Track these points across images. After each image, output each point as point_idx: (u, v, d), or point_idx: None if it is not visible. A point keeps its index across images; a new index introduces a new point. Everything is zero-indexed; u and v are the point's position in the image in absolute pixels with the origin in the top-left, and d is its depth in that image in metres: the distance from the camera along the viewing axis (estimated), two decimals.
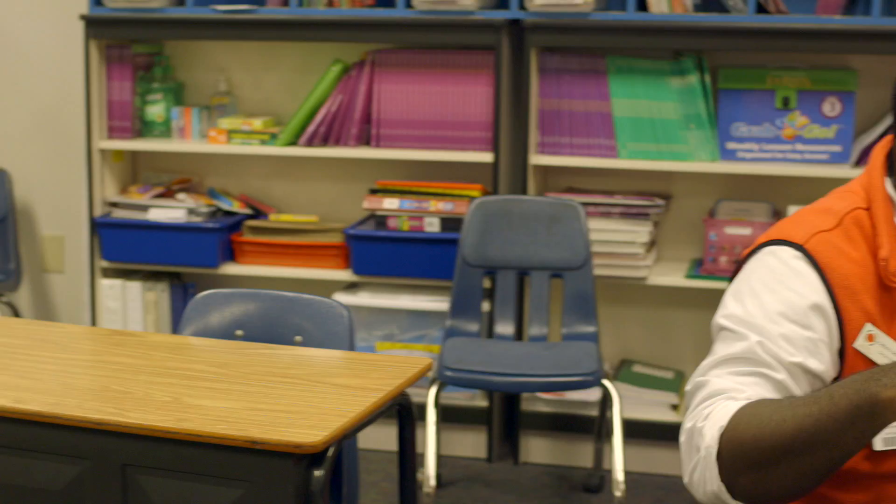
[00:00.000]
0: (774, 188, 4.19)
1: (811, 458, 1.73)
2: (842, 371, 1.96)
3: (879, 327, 1.95)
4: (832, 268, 1.95)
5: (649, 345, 4.43)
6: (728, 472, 1.77)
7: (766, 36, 3.92)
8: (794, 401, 1.76)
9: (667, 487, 4.14)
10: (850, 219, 2.01)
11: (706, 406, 1.82)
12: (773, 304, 1.93)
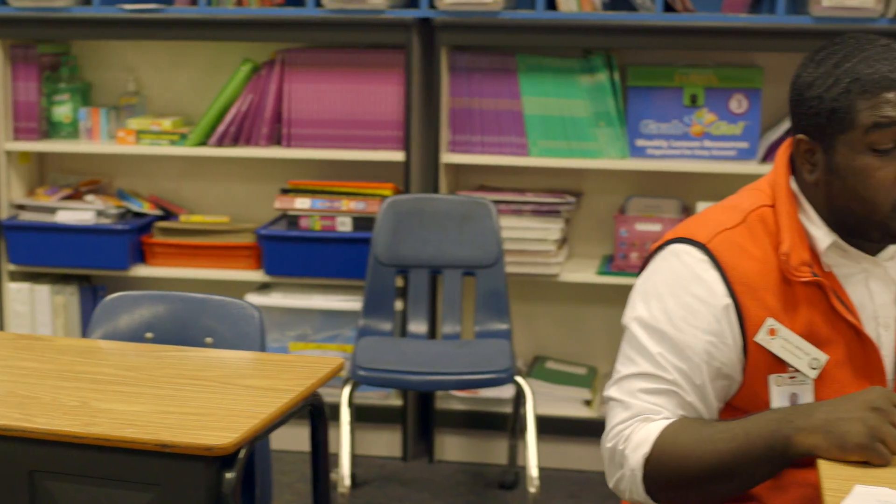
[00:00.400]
0: (683, 184, 4.24)
1: (728, 486, 1.96)
2: (746, 365, 2.01)
3: (782, 321, 2.01)
4: (733, 266, 2.02)
5: (562, 341, 4.46)
6: (652, 490, 1.99)
7: (674, 34, 3.96)
8: (713, 434, 1.95)
9: (581, 482, 4.17)
10: (755, 216, 2.07)
11: (626, 427, 2.01)
12: (676, 310, 2.03)
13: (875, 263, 2.09)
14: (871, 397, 1.88)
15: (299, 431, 2.68)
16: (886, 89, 1.93)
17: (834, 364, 2.04)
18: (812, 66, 2.01)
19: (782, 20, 3.93)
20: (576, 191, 4.30)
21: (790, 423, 1.90)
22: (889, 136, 1.94)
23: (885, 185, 1.96)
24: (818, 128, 1.99)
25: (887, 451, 1.85)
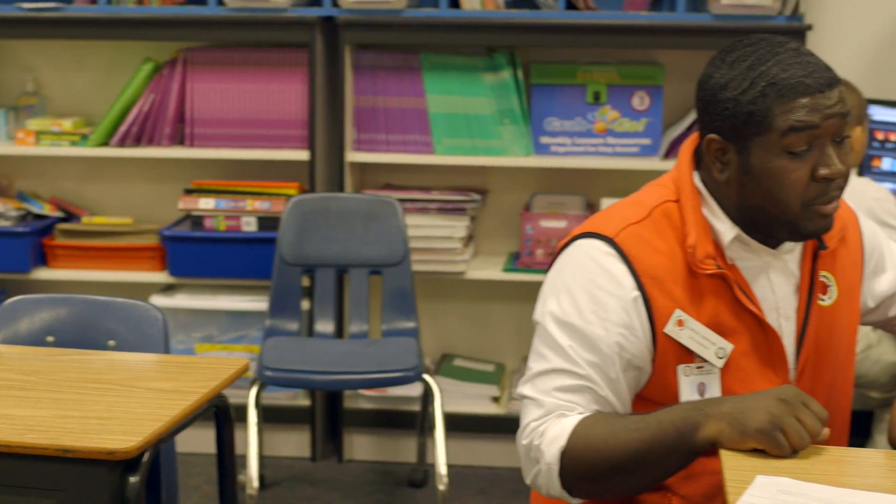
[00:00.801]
0: (587, 181, 4.27)
1: (641, 476, 2.00)
2: (655, 356, 2.05)
3: (688, 313, 2.06)
4: (640, 259, 2.06)
5: (469, 338, 4.47)
6: (568, 483, 2.03)
7: (576, 32, 3.99)
8: (626, 424, 1.99)
9: (490, 479, 4.19)
10: (660, 211, 2.11)
11: (540, 424, 2.05)
12: (586, 304, 2.07)
13: (776, 256, 2.14)
14: (780, 391, 1.94)
15: (206, 433, 2.66)
16: (802, 94, 1.97)
17: (739, 353, 2.09)
18: (725, 67, 2.03)
19: (683, 18, 3.97)
20: (481, 188, 4.31)
21: (701, 411, 1.95)
22: (803, 139, 1.98)
23: (798, 186, 2.00)
24: (733, 129, 2.02)
25: (786, 441, 1.89)
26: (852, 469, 1.96)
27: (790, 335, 2.15)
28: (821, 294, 2.17)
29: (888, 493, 1.81)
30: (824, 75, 2.00)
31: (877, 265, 2.34)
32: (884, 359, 3.79)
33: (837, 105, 2.00)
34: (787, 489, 1.80)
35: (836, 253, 2.20)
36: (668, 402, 2.06)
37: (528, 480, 2.11)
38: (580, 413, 2.04)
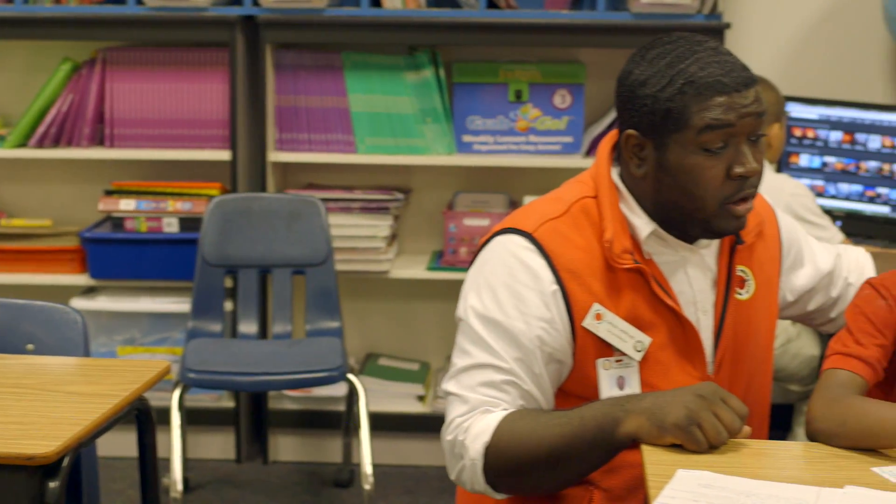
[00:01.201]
0: (510, 179, 4.29)
1: (564, 470, 2.02)
2: (575, 349, 2.08)
3: (606, 306, 2.09)
4: (558, 254, 2.08)
5: (394, 338, 4.47)
6: (492, 479, 2.04)
7: (498, 31, 4.00)
8: (549, 420, 2.01)
9: (416, 478, 4.19)
10: (578, 207, 2.14)
11: (465, 420, 2.06)
12: (507, 298, 2.09)
13: (693, 251, 2.16)
14: (699, 387, 1.97)
15: (128, 437, 2.63)
16: (719, 93, 2.00)
17: (657, 347, 2.12)
18: (644, 64, 2.06)
19: (603, 17, 4.00)
20: (404, 187, 4.31)
21: (621, 407, 1.97)
22: (719, 137, 2.01)
23: (714, 183, 2.03)
24: (651, 125, 2.04)
25: (703, 437, 1.91)
26: (771, 462, 1.98)
27: (708, 329, 2.17)
28: (738, 288, 2.20)
29: (806, 485, 1.83)
30: (741, 75, 2.02)
31: (795, 260, 2.37)
32: (803, 352, 3.84)
33: (753, 104, 2.02)
34: (707, 483, 1.82)
35: (753, 247, 2.23)
36: (589, 396, 2.08)
37: (452, 476, 2.12)
38: (505, 409, 2.06)
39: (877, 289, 2.12)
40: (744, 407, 1.95)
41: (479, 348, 2.08)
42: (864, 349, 2.06)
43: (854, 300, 2.15)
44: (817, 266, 2.39)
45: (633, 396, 2.01)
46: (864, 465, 1.91)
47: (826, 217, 3.71)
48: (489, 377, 2.07)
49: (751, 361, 2.23)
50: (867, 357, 2.06)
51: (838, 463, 1.93)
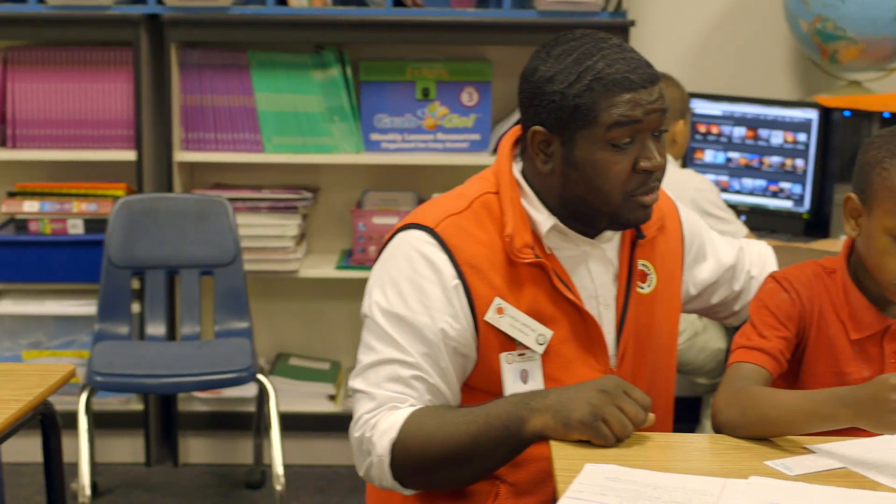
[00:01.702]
0: (418, 177, 4.29)
1: (471, 467, 2.03)
2: (478, 343, 2.10)
3: (508, 301, 2.11)
4: (460, 249, 2.10)
5: (304, 337, 4.46)
6: (399, 475, 2.05)
7: (404, 29, 4.01)
8: (455, 417, 2.03)
9: (328, 478, 4.18)
10: (480, 202, 2.15)
11: (372, 416, 2.07)
12: (410, 293, 2.10)
13: (594, 246, 2.19)
14: (602, 382, 1.99)
15: (35, 442, 2.60)
16: (627, 89, 2.03)
17: (559, 340, 2.13)
18: (551, 60, 2.07)
19: (509, 14, 4.02)
20: (312, 186, 4.29)
21: (526, 404, 1.99)
22: (627, 133, 2.04)
23: (620, 177, 2.06)
24: (558, 122, 2.06)
25: (609, 431, 1.94)
26: (678, 454, 2.01)
27: (610, 322, 2.20)
28: (640, 282, 2.22)
29: (711, 476, 1.86)
30: (647, 72, 2.06)
31: (697, 254, 2.40)
32: (709, 346, 3.89)
33: (658, 101, 2.06)
34: (614, 476, 1.84)
35: (654, 242, 2.26)
36: (494, 391, 2.10)
37: (360, 473, 2.12)
38: (412, 405, 2.07)
39: (780, 282, 2.16)
40: (646, 398, 1.98)
41: (385, 344, 2.09)
42: (767, 342, 2.10)
43: (757, 294, 2.18)
44: (720, 260, 2.43)
45: (538, 393, 2.02)
46: (766, 457, 1.94)
47: (730, 211, 3.76)
48: (396, 372, 2.08)
49: (653, 354, 2.25)
50: (770, 349, 2.09)
51: (742, 454, 1.96)
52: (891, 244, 2.03)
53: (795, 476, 1.87)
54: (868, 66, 4.20)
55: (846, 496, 1.80)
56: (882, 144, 2.06)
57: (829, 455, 1.95)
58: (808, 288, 2.15)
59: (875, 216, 2.05)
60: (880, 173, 2.04)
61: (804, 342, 2.15)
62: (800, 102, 4.22)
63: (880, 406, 1.84)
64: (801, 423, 1.96)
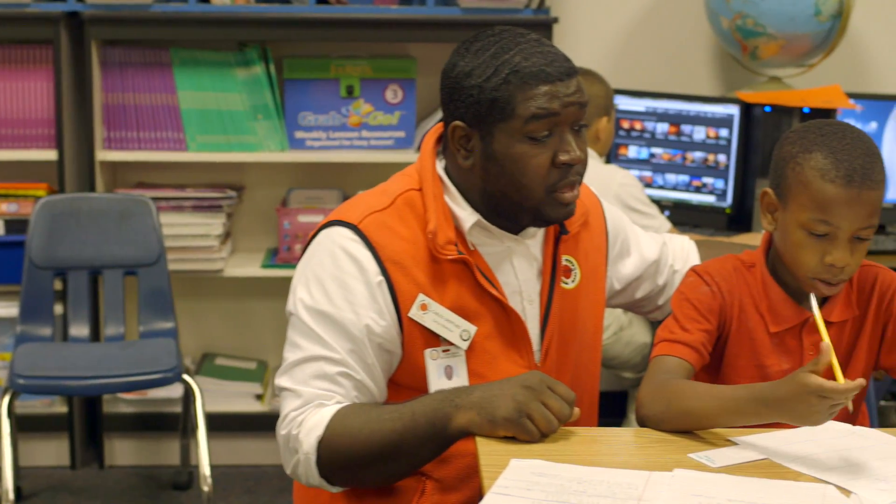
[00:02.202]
0: (344, 175, 4.29)
1: (397, 464, 2.04)
2: (403, 340, 2.11)
3: (432, 297, 2.11)
4: (383, 245, 2.10)
5: (231, 337, 4.43)
6: (326, 472, 2.05)
7: (328, 26, 3.99)
8: (381, 414, 2.03)
9: (256, 477, 4.17)
10: (403, 199, 2.16)
11: (299, 414, 2.06)
12: (335, 290, 2.10)
13: (518, 242, 2.19)
14: (525, 378, 1.99)
15: None
16: (544, 82, 2.03)
17: (484, 336, 2.14)
18: (469, 55, 2.08)
19: (433, 11, 4.02)
20: (237, 185, 4.27)
21: (451, 401, 2.00)
22: (545, 125, 2.04)
23: (540, 171, 2.06)
24: (477, 116, 2.06)
25: (534, 426, 1.94)
26: (603, 448, 2.02)
27: (534, 318, 2.20)
28: (564, 277, 2.23)
29: (636, 469, 1.87)
30: (564, 65, 2.06)
31: (621, 249, 2.42)
32: (635, 340, 3.92)
33: (576, 94, 2.07)
34: (540, 471, 1.84)
35: (578, 237, 2.27)
36: (419, 387, 2.10)
37: (288, 471, 2.12)
38: (338, 402, 2.07)
39: (700, 276, 2.18)
40: (571, 392, 1.99)
41: (311, 341, 2.08)
42: (689, 335, 2.12)
43: (679, 287, 2.21)
44: (643, 255, 2.45)
45: (462, 390, 2.03)
46: (690, 449, 1.97)
47: (654, 207, 3.79)
48: (322, 369, 2.07)
49: (578, 349, 2.27)
50: (693, 342, 2.11)
51: (667, 447, 1.98)
52: (805, 238, 2.06)
53: (718, 468, 1.90)
54: (788, 62, 4.25)
55: (768, 487, 1.83)
56: (796, 140, 2.09)
57: (751, 447, 1.97)
58: (728, 282, 2.17)
59: (790, 211, 2.08)
60: (794, 168, 2.06)
61: (725, 335, 2.17)
62: (721, 98, 4.26)
63: (801, 404, 1.87)
64: (724, 418, 1.98)
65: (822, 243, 2.05)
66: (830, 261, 2.04)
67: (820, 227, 2.04)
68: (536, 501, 1.75)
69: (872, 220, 2.04)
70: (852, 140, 2.05)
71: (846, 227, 2.03)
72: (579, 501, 1.75)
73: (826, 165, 2.02)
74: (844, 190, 2.01)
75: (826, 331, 1.94)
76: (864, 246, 2.06)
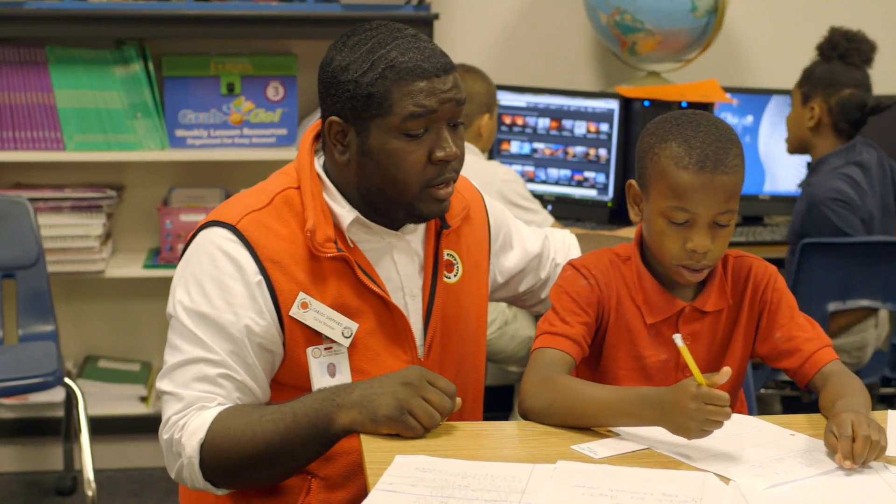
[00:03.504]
0: (225, 173, 4.25)
1: (281, 465, 2.03)
2: (284, 339, 2.10)
3: (312, 295, 2.11)
4: (262, 244, 2.09)
5: (114, 339, 4.38)
6: (210, 475, 2.03)
7: (207, 23, 3.95)
8: (263, 415, 2.01)
9: (142, 480, 4.13)
10: (281, 198, 2.15)
11: (181, 417, 2.05)
12: (214, 291, 2.09)
13: (399, 237, 2.20)
14: (405, 374, 2.00)
15: None
16: (420, 77, 2.03)
17: (366, 332, 2.14)
18: (346, 50, 2.07)
19: (313, 8, 4.00)
20: (117, 184, 4.21)
21: (332, 401, 1.99)
22: (422, 123, 2.05)
23: (416, 167, 2.07)
24: (353, 111, 2.06)
25: (416, 422, 1.95)
26: (487, 442, 2.03)
27: (417, 313, 2.21)
28: (446, 272, 2.25)
29: (518, 462, 1.89)
30: (441, 60, 2.07)
31: (504, 243, 2.43)
32: (520, 334, 3.94)
33: (453, 90, 2.07)
34: (424, 467, 1.85)
35: (460, 231, 2.28)
36: (303, 386, 2.10)
37: (172, 475, 2.11)
38: (220, 404, 2.06)
39: (578, 269, 2.21)
40: (451, 385, 2.00)
41: (190, 343, 2.07)
42: (570, 327, 2.14)
43: (558, 281, 2.22)
44: (526, 248, 2.47)
45: (343, 388, 2.02)
46: (573, 441, 1.99)
47: (536, 202, 3.82)
48: (202, 372, 2.06)
49: (461, 343, 2.28)
50: (573, 335, 2.13)
51: (549, 440, 2.00)
52: (667, 226, 2.10)
53: (601, 459, 1.92)
54: (666, 57, 4.31)
55: (650, 476, 1.85)
56: (654, 131, 2.13)
57: (632, 437, 2.00)
58: (605, 275, 2.20)
59: (651, 200, 2.12)
60: (652, 158, 2.10)
61: (603, 327, 2.20)
62: (602, 93, 4.31)
63: (679, 411, 1.91)
64: (608, 418, 2.01)
65: (683, 230, 2.08)
66: (691, 247, 2.08)
67: (678, 215, 2.07)
68: (421, 497, 1.76)
69: (730, 205, 2.08)
70: (706, 128, 2.08)
71: (703, 212, 2.06)
72: (463, 496, 1.77)
73: (680, 153, 2.06)
74: (697, 176, 2.04)
75: (692, 361, 1.95)
76: (725, 232, 2.10)
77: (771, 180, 4.36)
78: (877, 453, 1.90)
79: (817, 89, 3.79)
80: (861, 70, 3.81)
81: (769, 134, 4.36)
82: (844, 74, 3.78)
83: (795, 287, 3.55)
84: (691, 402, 1.89)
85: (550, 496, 1.78)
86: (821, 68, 3.81)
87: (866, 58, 3.81)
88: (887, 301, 3.73)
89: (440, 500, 1.76)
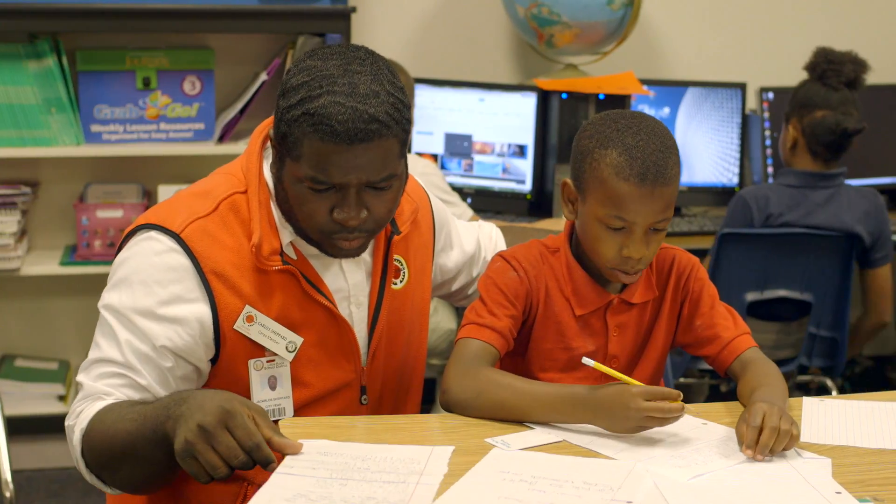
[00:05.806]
0: (143, 168, 4.21)
1: (140, 467, 1.93)
2: (222, 352, 2.05)
3: (258, 308, 2.05)
4: (206, 256, 2.02)
5: (31, 337, 4.32)
6: (91, 467, 1.98)
7: (123, 17, 3.92)
8: (127, 413, 1.93)
9: (61, 480, 4.09)
10: (227, 204, 2.07)
11: (79, 405, 2.00)
12: (144, 297, 2.02)
13: None
14: (209, 412, 1.82)
15: None
16: (329, 139, 1.90)
17: (310, 344, 2.10)
18: (302, 71, 1.95)
19: (230, 1, 3.97)
20: (31, 181, 4.15)
21: (166, 407, 1.89)
22: (322, 185, 1.95)
23: (315, 217, 1.99)
24: (277, 134, 1.98)
25: (200, 469, 1.82)
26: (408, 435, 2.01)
27: (362, 321, 2.18)
28: (393, 278, 2.21)
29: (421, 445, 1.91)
30: (362, 127, 1.91)
31: (445, 242, 2.41)
32: (441, 327, 3.95)
33: (367, 165, 1.94)
34: (325, 451, 1.86)
35: (409, 237, 2.24)
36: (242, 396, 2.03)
37: (77, 466, 2.03)
38: (116, 398, 2.00)
39: (508, 261, 2.20)
40: (254, 437, 1.81)
41: (108, 342, 2.03)
42: (497, 320, 2.13)
43: (487, 272, 2.21)
44: (464, 249, 2.46)
45: (181, 396, 1.90)
46: (487, 434, 1.98)
47: (455, 194, 3.83)
48: (109, 369, 2.01)
49: (404, 349, 2.26)
50: (500, 328, 2.13)
51: (471, 431, 1.99)
52: (603, 231, 2.10)
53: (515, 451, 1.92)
54: (583, 49, 4.34)
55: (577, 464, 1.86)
56: (593, 134, 2.11)
57: (547, 429, 1.99)
58: (535, 267, 2.20)
59: (588, 204, 2.11)
60: (591, 163, 2.09)
61: (531, 320, 2.20)
62: (520, 86, 4.32)
63: (619, 411, 1.93)
64: (538, 413, 2.01)
65: (619, 236, 2.09)
66: (627, 254, 2.09)
67: (616, 223, 2.08)
68: (321, 480, 1.76)
69: (667, 213, 2.09)
70: (647, 135, 2.07)
71: (641, 222, 2.07)
72: (363, 478, 1.77)
73: (621, 163, 2.05)
74: (638, 188, 2.04)
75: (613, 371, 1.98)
76: (659, 236, 2.12)
77: (688, 171, 4.41)
78: (786, 443, 1.92)
79: (794, 110, 3.76)
80: (840, 92, 3.71)
81: (685, 125, 4.40)
82: (818, 96, 3.72)
83: (714, 277, 3.59)
84: (633, 401, 1.90)
85: (470, 482, 1.78)
86: (802, 89, 3.77)
87: (847, 80, 3.72)
88: (805, 291, 3.77)
89: (339, 482, 1.76)
